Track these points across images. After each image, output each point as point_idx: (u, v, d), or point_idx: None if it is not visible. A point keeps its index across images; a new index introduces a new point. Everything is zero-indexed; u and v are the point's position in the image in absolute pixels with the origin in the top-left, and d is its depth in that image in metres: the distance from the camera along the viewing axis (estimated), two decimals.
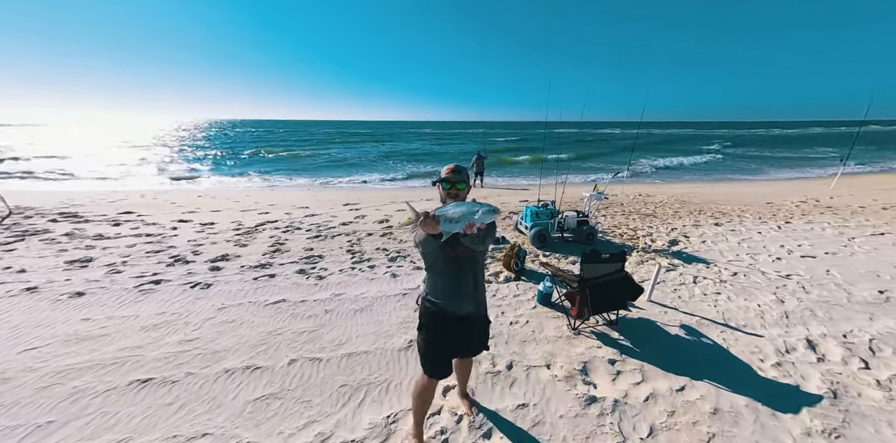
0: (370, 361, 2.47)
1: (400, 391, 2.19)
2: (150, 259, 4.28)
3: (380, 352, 2.57)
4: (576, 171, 16.88)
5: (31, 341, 2.62)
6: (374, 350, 2.59)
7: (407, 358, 2.51)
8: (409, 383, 2.25)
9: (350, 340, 2.72)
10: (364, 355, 2.53)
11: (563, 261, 4.43)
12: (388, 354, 2.55)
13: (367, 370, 2.37)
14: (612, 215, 6.86)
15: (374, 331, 2.83)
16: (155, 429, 1.90)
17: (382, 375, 2.33)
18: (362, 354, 2.54)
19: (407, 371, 2.38)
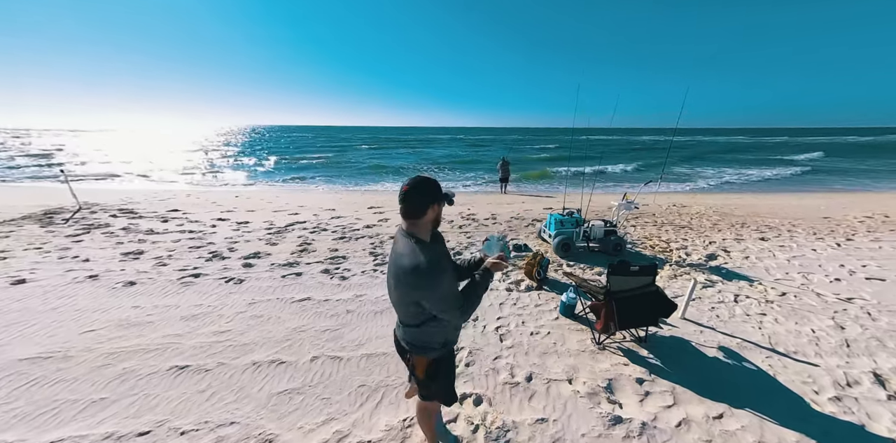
0: (388, 363, 2.49)
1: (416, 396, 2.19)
2: (192, 254, 4.63)
3: (398, 355, 2.58)
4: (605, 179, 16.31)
5: (90, 324, 2.91)
6: (393, 353, 2.61)
7: None
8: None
9: (370, 340, 2.76)
10: (383, 357, 2.56)
11: (587, 271, 4.27)
12: None
13: (384, 372, 2.40)
14: (642, 226, 6.53)
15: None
16: (189, 413, 2.03)
17: (400, 378, 2.34)
18: (381, 355, 2.58)
19: None
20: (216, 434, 1.89)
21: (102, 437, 1.85)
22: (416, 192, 1.19)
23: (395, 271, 1.22)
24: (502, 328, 2.97)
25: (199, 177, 16.16)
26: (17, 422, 1.93)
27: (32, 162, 19.41)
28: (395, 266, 1.22)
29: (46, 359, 2.45)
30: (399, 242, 1.26)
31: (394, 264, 1.23)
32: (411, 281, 1.16)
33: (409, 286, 1.18)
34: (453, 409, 2.08)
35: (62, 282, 3.68)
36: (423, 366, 1.39)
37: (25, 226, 5.78)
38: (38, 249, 4.67)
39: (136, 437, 1.86)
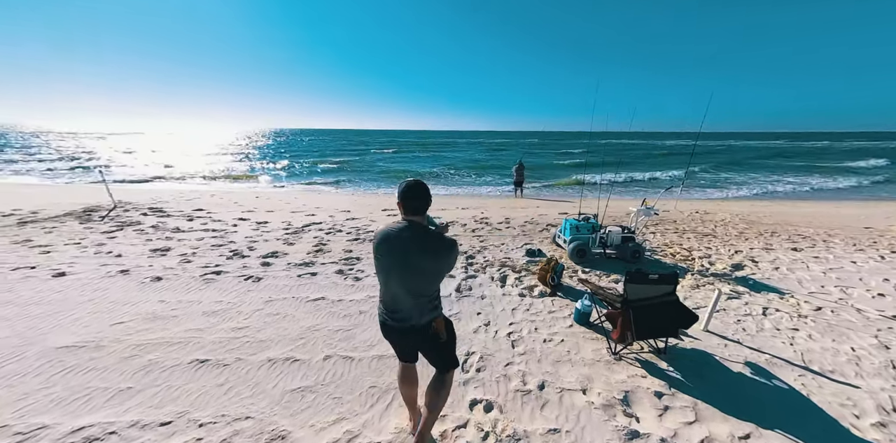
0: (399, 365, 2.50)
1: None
2: (214, 252, 4.83)
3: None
4: (623, 184, 15.89)
5: (120, 316, 3.08)
6: None
7: None
8: None
9: (381, 342, 2.78)
10: (393, 359, 2.56)
11: (604, 279, 4.15)
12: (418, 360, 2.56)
13: (395, 374, 2.40)
14: (662, 233, 6.30)
15: None
16: (208, 406, 2.10)
17: None
18: (391, 357, 2.58)
19: None
20: (232, 428, 1.95)
21: (128, 424, 1.94)
22: (426, 193, 1.49)
23: (427, 258, 1.46)
24: (514, 334, 2.93)
25: (223, 178, 16.89)
26: (53, 406, 2.06)
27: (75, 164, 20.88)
28: (423, 255, 1.45)
29: (81, 348, 2.61)
30: (409, 233, 1.47)
31: (419, 253, 1.45)
32: (451, 254, 1.51)
33: (448, 258, 1.51)
34: (464, 415, 2.06)
35: (97, 275, 3.92)
36: (442, 326, 1.63)
37: (67, 222, 6.20)
38: (77, 244, 4.99)
39: (159, 426, 1.94)
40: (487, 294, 3.67)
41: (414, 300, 1.51)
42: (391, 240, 1.48)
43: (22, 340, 2.68)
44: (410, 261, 1.45)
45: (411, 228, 1.48)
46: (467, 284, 3.90)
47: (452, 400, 2.16)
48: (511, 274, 4.20)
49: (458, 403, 2.16)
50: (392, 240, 1.48)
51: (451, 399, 2.15)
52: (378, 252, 1.52)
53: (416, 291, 1.50)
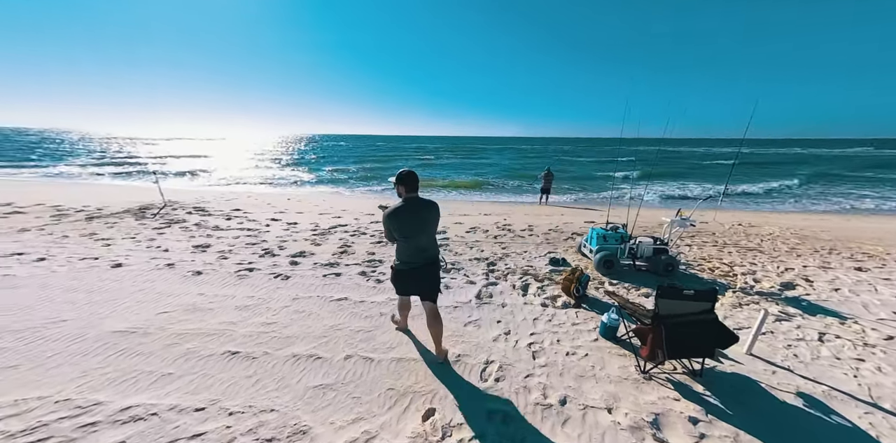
0: (417, 369, 2.51)
1: (444, 405, 2.17)
2: (248, 250, 5.14)
3: (427, 361, 2.59)
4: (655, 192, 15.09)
5: (165, 306, 3.35)
6: (422, 359, 2.63)
7: (453, 372, 2.48)
8: (453, 397, 2.22)
9: (401, 345, 2.81)
10: (412, 363, 2.58)
11: (632, 292, 3.94)
12: (435, 364, 2.56)
13: (413, 378, 2.41)
14: (699, 246, 5.89)
15: (424, 340, 2.88)
16: (237, 396, 2.22)
17: (429, 385, 2.34)
18: (410, 360, 2.60)
19: (452, 385, 2.34)
20: (258, 419, 2.04)
21: (168, 408, 2.09)
22: (417, 179, 2.34)
23: (430, 212, 2.37)
24: (535, 345, 2.84)
25: (259, 180, 18.01)
26: (107, 385, 2.27)
27: (136, 165, 23.19)
28: (429, 210, 2.36)
29: (131, 333, 2.86)
30: (416, 203, 2.32)
31: (427, 211, 2.35)
32: (438, 209, 2.42)
33: (439, 211, 2.43)
34: (481, 425, 2.02)
35: (147, 268, 4.30)
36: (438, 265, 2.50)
37: (125, 218, 6.88)
38: (132, 239, 5.52)
39: (194, 412, 2.07)
40: (508, 302, 3.60)
41: (432, 240, 2.45)
42: (408, 211, 2.29)
43: (85, 322, 2.99)
44: (426, 218, 2.35)
45: (417, 201, 2.33)
46: (488, 291, 3.86)
47: (469, 409, 2.13)
48: (533, 283, 4.10)
49: (475, 412, 2.12)
50: (409, 210, 2.29)
51: (468, 408, 2.14)
52: (398, 221, 2.28)
53: (432, 235, 2.44)
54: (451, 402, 2.20)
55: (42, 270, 4.13)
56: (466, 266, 4.63)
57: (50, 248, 4.94)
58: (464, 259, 4.93)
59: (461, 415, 2.10)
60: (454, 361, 2.61)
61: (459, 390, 2.30)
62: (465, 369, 2.52)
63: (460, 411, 2.13)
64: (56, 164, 22.82)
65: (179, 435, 1.91)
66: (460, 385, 2.35)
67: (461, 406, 2.16)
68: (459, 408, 2.15)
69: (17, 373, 2.35)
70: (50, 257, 4.54)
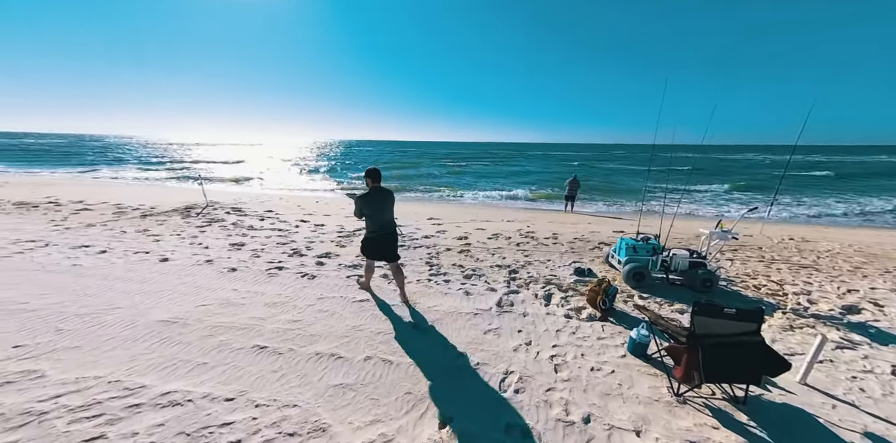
0: (436, 375, 2.49)
1: (461, 413, 2.13)
2: (278, 249, 5.41)
3: (446, 368, 2.57)
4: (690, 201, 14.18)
5: (203, 299, 3.59)
6: (441, 365, 2.61)
7: (472, 380, 2.44)
8: (470, 406, 2.18)
9: (419, 349, 2.81)
10: (431, 368, 2.57)
11: (665, 307, 3.70)
12: (453, 371, 2.54)
13: (431, 383, 2.40)
14: (743, 261, 5.43)
15: (443, 345, 2.86)
16: (263, 389, 2.32)
17: (446, 391, 2.32)
18: (428, 366, 2.59)
19: (470, 394, 2.31)
20: (281, 413, 2.12)
21: (202, 395, 2.23)
22: (380, 173, 3.26)
23: (389, 197, 3.31)
24: (558, 358, 2.74)
25: (290, 183, 19.01)
26: (151, 370, 2.46)
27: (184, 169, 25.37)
28: (388, 196, 3.30)
29: (173, 323, 3.09)
30: (380, 191, 3.25)
31: (387, 196, 3.30)
32: (394, 199, 3.37)
33: (394, 201, 3.36)
34: (498, 438, 1.97)
35: (189, 263, 4.65)
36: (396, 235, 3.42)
37: (173, 217, 7.51)
38: (177, 236, 6.00)
39: (224, 401, 2.19)
40: (530, 312, 3.50)
41: (391, 217, 3.37)
42: (376, 196, 3.23)
43: (135, 311, 3.28)
44: (387, 201, 3.30)
45: (380, 189, 3.28)
46: (509, 299, 3.79)
47: (487, 421, 2.08)
48: (557, 293, 3.97)
49: (492, 424, 2.07)
50: (375, 196, 3.22)
51: (485, 419, 2.10)
52: (367, 203, 3.19)
53: (391, 213, 3.37)
54: (468, 411, 2.16)
55: (103, 261, 4.60)
56: (487, 273, 4.58)
57: (110, 241, 5.49)
58: (485, 266, 4.88)
59: (478, 426, 2.05)
60: (473, 368, 2.57)
61: (477, 400, 2.25)
62: (483, 377, 2.48)
63: (478, 421, 2.08)
64: (120, 167, 25.51)
65: (211, 422, 2.02)
66: (478, 395, 2.30)
67: (479, 417, 2.12)
68: (477, 418, 2.11)
69: (79, 353, 2.62)
70: (110, 250, 5.05)
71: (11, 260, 4.51)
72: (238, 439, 1.92)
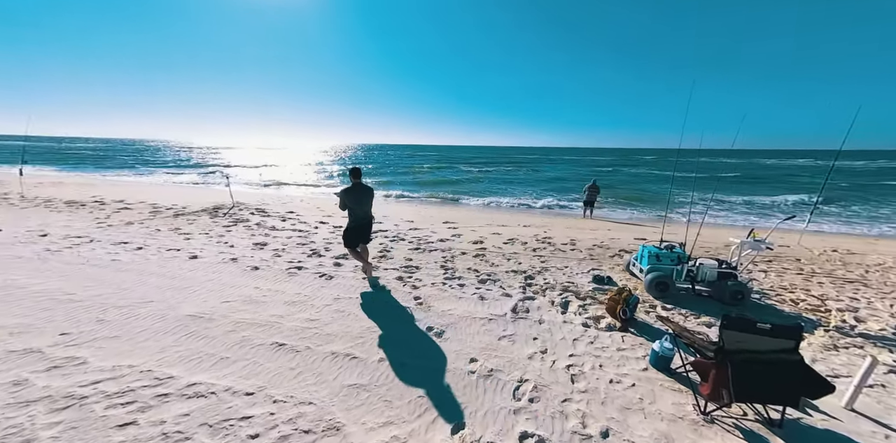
0: (449, 380, 2.48)
1: (474, 421, 2.11)
2: (298, 249, 5.58)
3: (459, 373, 2.56)
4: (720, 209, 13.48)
5: (228, 296, 3.75)
6: (454, 369, 2.60)
7: (485, 387, 2.41)
8: (484, 414, 2.15)
9: (433, 353, 2.81)
10: (444, 372, 2.56)
11: (690, 319, 3.51)
12: (466, 377, 2.51)
13: (444, 388, 2.39)
14: (779, 273, 5.09)
15: (456, 350, 2.85)
16: (280, 386, 2.38)
17: (459, 397, 2.30)
18: (442, 370, 2.58)
19: (483, 400, 2.27)
20: (297, 410, 2.17)
21: (224, 389, 2.32)
22: (361, 172, 4.03)
23: (369, 193, 4.01)
24: (575, 368, 2.65)
25: (310, 185, 19.64)
26: (178, 362, 2.59)
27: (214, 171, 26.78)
28: (368, 191, 3.99)
29: (200, 318, 3.25)
30: (360, 186, 3.91)
31: (367, 191, 3.97)
32: (373, 194, 4.09)
33: (373, 196, 4.08)
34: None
35: (216, 260, 4.88)
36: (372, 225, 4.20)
37: (202, 216, 7.93)
38: (206, 234, 6.32)
39: (244, 395, 2.27)
40: (546, 319, 3.43)
41: (370, 209, 4.04)
42: (357, 190, 3.88)
43: (166, 305, 3.47)
44: (367, 196, 3.95)
45: (361, 185, 3.91)
46: (524, 305, 3.72)
47: (500, 429, 2.05)
48: (574, 300, 3.86)
49: (506, 432, 2.03)
50: (357, 190, 3.88)
51: (499, 427, 2.08)
52: (350, 196, 3.85)
53: (370, 206, 4.03)
54: (481, 418, 2.13)
55: (139, 257, 4.91)
56: (503, 278, 4.52)
57: (146, 239, 5.86)
58: (500, 271, 4.83)
59: (491, 433, 2.02)
60: (486, 375, 2.53)
61: (491, 408, 2.22)
62: (497, 385, 2.44)
63: (491, 429, 2.05)
64: (156, 168, 27.29)
65: (232, 415, 2.10)
66: (492, 402, 2.27)
67: (492, 424, 2.08)
68: (490, 426, 2.07)
69: (116, 342, 2.80)
70: (146, 247, 5.38)
71: (62, 254, 4.90)
72: (257, 433, 1.98)
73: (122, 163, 32.04)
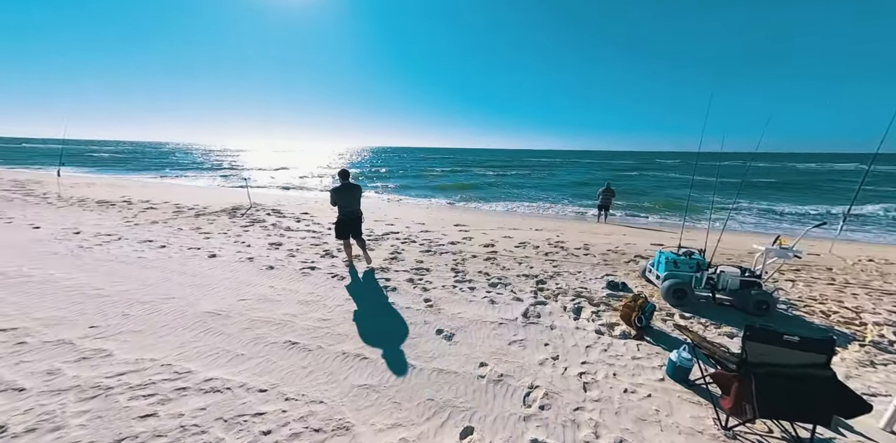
0: (458, 383, 2.47)
1: (483, 426, 2.08)
2: (312, 250, 5.70)
3: (468, 377, 2.54)
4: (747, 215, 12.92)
5: (244, 294, 3.86)
6: (464, 374, 2.58)
7: (495, 393, 2.38)
8: (493, 420, 2.12)
9: (442, 356, 2.80)
10: (453, 376, 2.55)
11: (711, 329, 3.37)
12: (476, 382, 2.49)
13: (453, 392, 2.37)
14: (808, 283, 4.83)
15: (466, 354, 2.83)
16: (292, 384, 2.43)
17: (468, 402, 2.28)
18: (451, 374, 2.57)
19: (493, 406, 2.25)
20: (308, 408, 2.20)
21: (238, 384, 2.38)
22: (349, 173, 4.75)
23: (356, 190, 4.64)
24: (587, 375, 2.59)
25: (325, 188, 20.06)
26: (197, 357, 2.68)
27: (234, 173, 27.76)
28: (356, 189, 4.64)
29: (217, 315, 3.36)
30: (348, 185, 4.58)
31: (353, 189, 4.61)
32: (361, 192, 4.75)
33: (361, 193, 4.74)
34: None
35: (234, 259, 5.04)
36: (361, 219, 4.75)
37: (221, 216, 8.22)
38: (224, 234, 6.54)
39: (258, 392, 2.32)
40: (558, 325, 3.36)
41: (357, 206, 4.64)
42: (344, 189, 4.52)
43: (186, 302, 3.61)
44: (354, 193, 4.60)
45: (349, 184, 4.58)
46: (535, 310, 3.67)
47: (510, 435, 2.02)
48: (587, 306, 3.78)
49: (516, 439, 1.99)
50: (346, 189, 4.53)
51: (508, 433, 2.05)
52: (339, 194, 4.49)
53: (357, 203, 4.65)
54: (490, 423, 2.10)
55: (163, 255, 5.13)
56: (514, 282, 4.48)
57: (169, 237, 6.12)
58: (511, 274, 4.78)
59: (501, 439, 1.99)
60: (496, 380, 2.50)
61: (500, 413, 2.19)
62: (507, 390, 2.40)
63: (500, 435, 2.02)
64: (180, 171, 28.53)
65: (246, 411, 2.15)
66: (502, 407, 2.24)
67: (501, 430, 2.05)
68: (499, 432, 2.04)
69: (140, 336, 2.92)
70: (168, 245, 5.62)
71: (93, 251, 5.18)
72: (269, 430, 2.02)
73: (149, 165, 33.68)
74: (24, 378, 2.35)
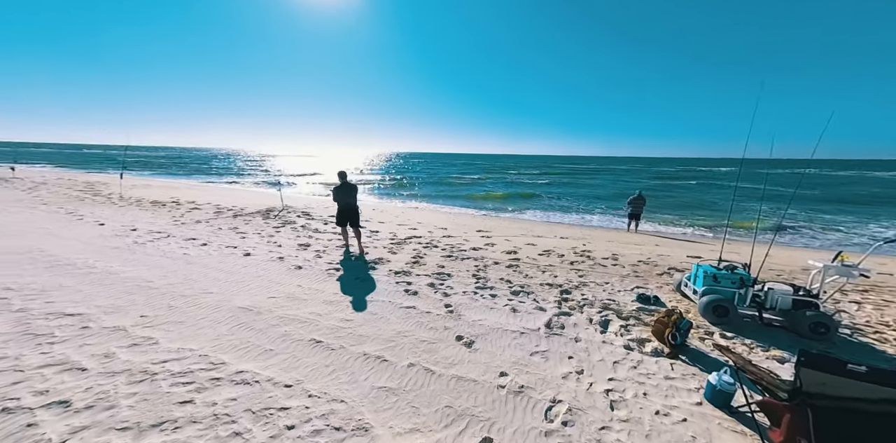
0: (477, 391, 2.42)
1: (503, 438, 2.02)
2: (337, 252, 5.89)
3: (488, 386, 2.49)
4: (801, 227, 11.73)
5: (274, 292, 4.07)
6: (483, 382, 2.53)
7: (515, 404, 2.31)
8: (513, 432, 2.05)
9: (462, 362, 2.77)
10: (472, 384, 2.51)
11: (757, 351, 3.07)
12: (496, 391, 2.43)
13: (472, 400, 2.33)
14: (878, 306, 4.28)
15: (486, 362, 2.78)
16: (315, 382, 2.50)
17: (487, 412, 2.23)
18: (471, 381, 2.53)
19: (513, 418, 2.18)
20: (329, 406, 2.25)
21: (266, 379, 2.49)
22: (346, 174, 6.05)
23: (352, 189, 5.86)
24: (615, 393, 2.44)
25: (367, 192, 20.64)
26: (230, 349, 2.85)
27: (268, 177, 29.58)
28: (352, 188, 5.86)
29: (249, 311, 3.55)
30: (347, 185, 5.84)
31: (349, 188, 5.83)
32: (357, 190, 5.96)
33: (357, 191, 5.93)
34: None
35: (266, 258, 5.33)
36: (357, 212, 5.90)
37: (256, 217, 8.75)
38: (258, 234, 6.95)
39: (284, 387, 2.42)
40: (583, 337, 3.22)
41: (354, 201, 5.79)
42: (342, 188, 5.77)
43: (222, 297, 3.85)
44: (351, 191, 5.80)
45: (347, 184, 5.84)
46: (559, 321, 3.54)
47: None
48: (615, 320, 3.59)
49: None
50: (342, 188, 5.77)
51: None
52: (338, 192, 5.75)
53: (354, 199, 5.79)
54: (510, 435, 2.04)
55: (204, 252, 5.53)
56: (537, 291, 4.36)
57: (210, 236, 6.60)
58: (534, 283, 4.66)
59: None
60: (516, 391, 2.43)
61: (521, 426, 2.12)
62: (527, 403, 2.32)
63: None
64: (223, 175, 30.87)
65: (272, 404, 2.24)
66: (522, 420, 2.17)
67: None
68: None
69: (182, 327, 3.16)
70: (209, 243, 6.06)
71: (146, 247, 5.70)
72: (293, 424, 2.09)
73: (196, 169, 36.75)
74: (86, 359, 2.62)
